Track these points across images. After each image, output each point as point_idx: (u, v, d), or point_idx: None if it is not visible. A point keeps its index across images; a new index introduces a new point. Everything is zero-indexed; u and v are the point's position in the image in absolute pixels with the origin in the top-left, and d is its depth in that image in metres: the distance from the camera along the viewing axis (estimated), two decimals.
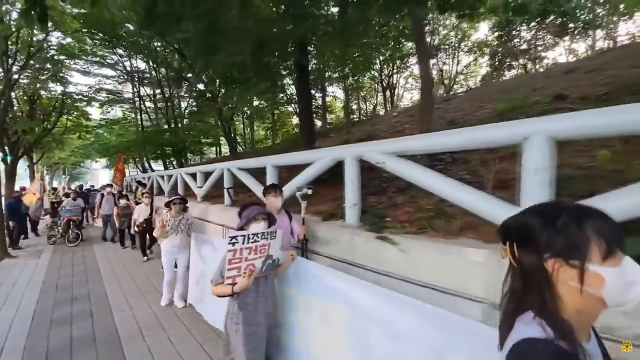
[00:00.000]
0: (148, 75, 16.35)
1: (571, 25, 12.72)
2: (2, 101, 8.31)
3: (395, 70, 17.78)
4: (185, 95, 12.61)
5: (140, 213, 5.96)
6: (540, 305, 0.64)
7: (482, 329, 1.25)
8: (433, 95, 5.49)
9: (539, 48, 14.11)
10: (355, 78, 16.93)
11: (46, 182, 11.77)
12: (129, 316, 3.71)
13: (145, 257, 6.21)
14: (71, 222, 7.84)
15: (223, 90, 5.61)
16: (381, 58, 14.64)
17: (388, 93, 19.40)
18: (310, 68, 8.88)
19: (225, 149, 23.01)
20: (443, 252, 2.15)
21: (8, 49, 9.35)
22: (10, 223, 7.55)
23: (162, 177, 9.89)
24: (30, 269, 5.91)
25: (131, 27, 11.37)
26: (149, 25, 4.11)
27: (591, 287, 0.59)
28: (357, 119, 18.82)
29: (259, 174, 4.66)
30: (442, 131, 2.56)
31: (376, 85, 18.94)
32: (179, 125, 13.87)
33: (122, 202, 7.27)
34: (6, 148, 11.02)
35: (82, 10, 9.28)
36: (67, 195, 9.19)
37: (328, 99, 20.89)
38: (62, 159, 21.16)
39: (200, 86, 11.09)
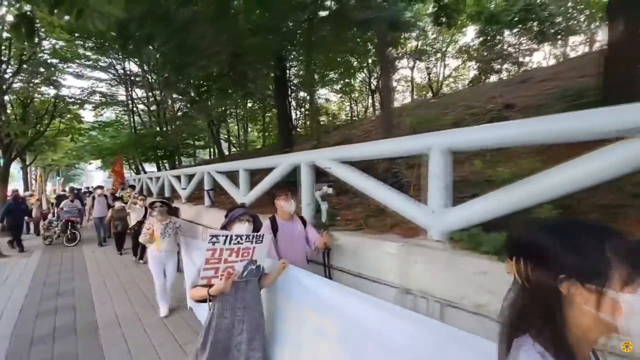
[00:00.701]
0: (140, 78, 16.64)
1: (551, 31, 13.21)
2: None
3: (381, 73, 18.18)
4: (177, 98, 12.91)
5: (133, 216, 5.88)
6: (543, 328, 0.60)
7: (478, 342, 1.22)
8: (392, 105, 5.84)
9: (522, 53, 14.54)
10: (347, 81, 17.44)
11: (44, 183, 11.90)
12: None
13: (142, 261, 5.84)
14: (69, 223, 8.02)
15: (197, 100, 5.92)
16: (369, 61, 15.07)
17: (378, 96, 19.89)
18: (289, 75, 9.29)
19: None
20: (368, 246, 2.51)
21: (1, 54, 9.62)
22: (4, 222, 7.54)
23: (151, 179, 10.21)
24: (21, 267, 6.21)
25: None
26: (122, 45, 4.44)
27: (608, 314, 0.54)
28: (349, 121, 19.25)
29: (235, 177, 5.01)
30: (371, 141, 2.91)
31: (365, 88, 19.30)
32: (169, 127, 14.17)
33: (117, 204, 6.88)
34: None
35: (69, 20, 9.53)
36: (61, 197, 9.40)
37: (321, 101, 21.33)
38: (56, 161, 21.38)
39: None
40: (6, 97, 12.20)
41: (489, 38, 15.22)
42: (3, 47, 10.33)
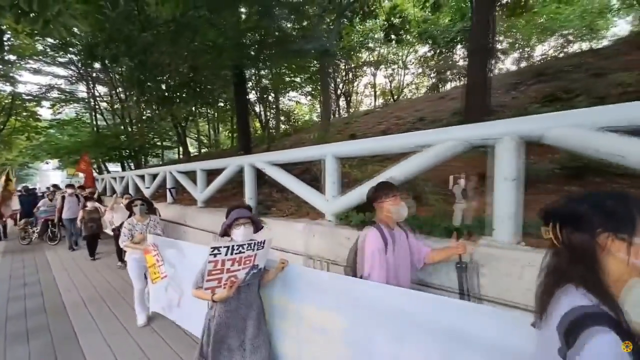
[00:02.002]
0: (103, 75, 16.33)
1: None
2: None
3: (348, 79, 19.32)
4: (142, 100, 13.04)
5: (115, 216, 5.52)
6: (586, 277, 0.72)
7: (498, 313, 1.30)
8: (329, 117, 6.81)
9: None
10: (312, 86, 18.41)
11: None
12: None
13: (120, 263, 5.54)
14: (49, 222, 7.95)
15: (162, 105, 6.44)
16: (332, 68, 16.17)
17: (343, 100, 21.11)
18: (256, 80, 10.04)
19: (192, 150, 23.35)
20: (286, 227, 3.39)
21: None
22: None
23: (115, 178, 10.43)
24: None
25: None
26: (91, 61, 4.95)
27: (636, 258, 0.69)
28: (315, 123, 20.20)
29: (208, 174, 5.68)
30: (285, 150, 3.81)
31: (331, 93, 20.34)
32: (134, 127, 14.21)
33: (90, 204, 6.43)
34: None
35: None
36: (20, 197, 8.98)
37: (291, 103, 22.10)
38: (9, 160, 20.24)
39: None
40: None
41: (440, 51, 16.94)
42: None
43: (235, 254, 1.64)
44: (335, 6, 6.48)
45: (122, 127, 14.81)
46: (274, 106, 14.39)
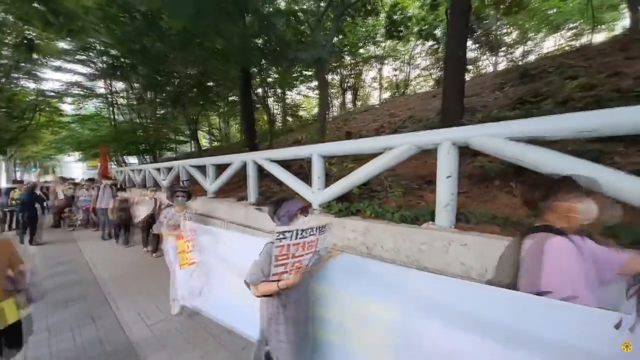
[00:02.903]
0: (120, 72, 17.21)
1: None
2: None
3: (353, 74, 19.58)
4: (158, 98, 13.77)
5: (143, 208, 5.85)
6: None
7: (571, 309, 1.18)
8: (327, 115, 7.31)
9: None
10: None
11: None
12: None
13: (145, 249, 5.98)
14: (88, 210, 8.71)
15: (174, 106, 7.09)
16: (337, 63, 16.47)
17: (350, 94, 21.45)
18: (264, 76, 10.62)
19: (203, 143, 24.31)
20: None
21: None
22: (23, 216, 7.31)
23: (133, 170, 11.30)
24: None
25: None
26: (113, 73, 5.60)
27: None
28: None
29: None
30: (279, 149, 4.40)
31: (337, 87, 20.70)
32: (150, 122, 15.05)
33: (120, 195, 6.84)
34: None
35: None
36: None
37: (299, 97, 22.56)
38: (35, 153, 21.66)
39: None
40: None
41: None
42: None
43: (300, 238, 1.63)
44: (334, 7, 6.92)
45: (139, 122, 15.68)
46: (281, 100, 14.89)
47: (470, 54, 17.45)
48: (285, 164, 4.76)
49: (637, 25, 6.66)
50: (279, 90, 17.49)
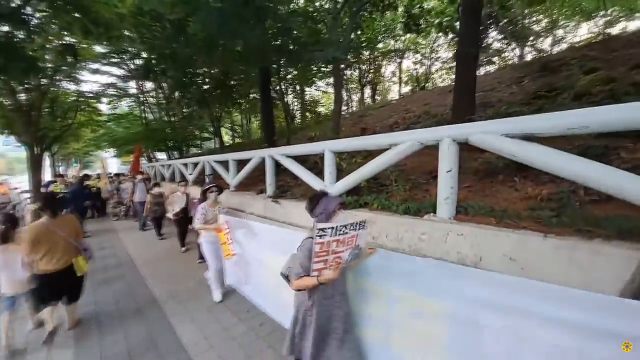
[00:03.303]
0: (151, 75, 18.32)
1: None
2: (33, 112, 10.44)
3: (372, 69, 19.44)
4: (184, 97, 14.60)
5: (176, 202, 5.95)
6: None
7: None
8: (341, 112, 7.48)
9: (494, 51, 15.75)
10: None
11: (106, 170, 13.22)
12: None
13: (184, 248, 6.06)
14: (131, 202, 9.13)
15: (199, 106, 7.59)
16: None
17: (369, 89, 21.33)
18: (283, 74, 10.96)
19: (226, 139, 25.33)
20: (295, 206, 4.31)
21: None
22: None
23: (163, 166, 12.12)
24: None
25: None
26: (145, 76, 6.14)
27: None
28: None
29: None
30: (293, 145, 4.67)
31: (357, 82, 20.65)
32: (177, 120, 15.96)
33: (155, 190, 7.06)
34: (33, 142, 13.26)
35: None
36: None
37: (318, 93, 22.81)
38: (76, 149, 23.57)
39: None
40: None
41: None
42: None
43: (340, 234, 1.64)
44: (350, 4, 7.06)
45: (167, 120, 16.66)
46: (300, 97, 15.21)
47: (495, 45, 16.84)
48: (302, 159, 5.05)
49: None
50: (298, 87, 17.84)
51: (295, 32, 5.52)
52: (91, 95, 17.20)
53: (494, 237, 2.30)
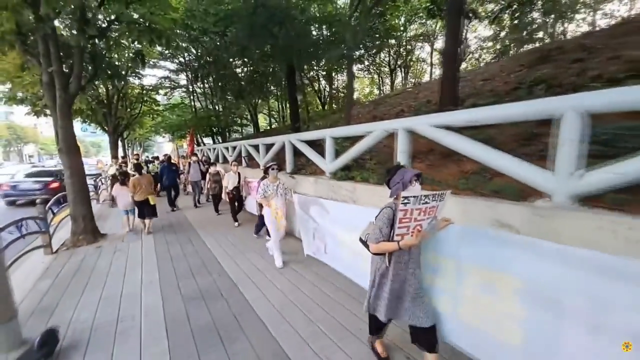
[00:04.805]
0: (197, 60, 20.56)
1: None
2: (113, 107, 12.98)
3: (402, 54, 19.42)
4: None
5: (229, 181, 6.47)
6: None
7: None
8: (352, 102, 8.39)
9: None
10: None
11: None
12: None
13: (237, 223, 6.59)
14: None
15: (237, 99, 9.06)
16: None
17: (400, 73, 21.37)
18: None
19: (265, 124, 27.45)
20: (306, 180, 5.57)
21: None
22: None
23: (210, 149, 14.20)
24: None
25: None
26: (194, 80, 7.66)
27: None
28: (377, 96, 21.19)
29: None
30: (309, 131, 5.85)
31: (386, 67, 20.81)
32: (221, 109, 18.04)
33: (212, 169, 7.57)
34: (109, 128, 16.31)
35: None
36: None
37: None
38: (140, 135, 27.48)
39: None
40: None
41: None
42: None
43: (422, 204, 1.73)
44: (364, 3, 7.82)
45: (212, 109, 18.86)
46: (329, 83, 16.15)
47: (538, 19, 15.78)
48: (315, 143, 6.25)
49: None
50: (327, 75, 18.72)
51: (312, 35, 6.58)
52: (150, 87, 20.02)
53: None
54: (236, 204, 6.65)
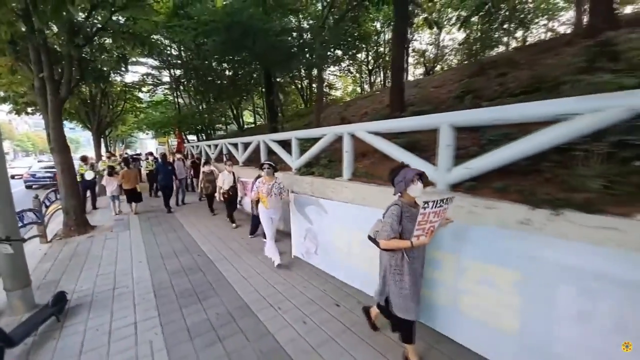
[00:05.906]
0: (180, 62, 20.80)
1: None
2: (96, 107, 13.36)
3: (381, 55, 20.37)
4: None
5: (224, 181, 6.35)
6: None
7: None
8: (323, 104, 9.26)
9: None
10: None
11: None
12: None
13: (234, 225, 6.51)
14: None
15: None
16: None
17: (380, 74, 22.37)
18: None
19: (250, 121, 28.00)
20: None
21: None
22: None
23: (193, 146, 14.76)
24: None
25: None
26: (177, 86, 8.30)
27: None
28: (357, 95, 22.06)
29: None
30: (281, 133, 6.68)
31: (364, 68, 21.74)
32: (202, 109, 18.52)
33: (206, 168, 7.38)
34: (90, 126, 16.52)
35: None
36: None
37: (332, 78, 24.21)
38: (122, 132, 27.36)
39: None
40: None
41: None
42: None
43: (437, 207, 1.88)
44: (332, 14, 8.62)
45: (195, 106, 19.26)
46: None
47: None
48: (287, 142, 7.06)
49: (580, 21, 7.13)
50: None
51: (286, 44, 7.37)
52: (133, 84, 20.15)
53: (362, 187, 4.24)
54: (233, 204, 6.56)
